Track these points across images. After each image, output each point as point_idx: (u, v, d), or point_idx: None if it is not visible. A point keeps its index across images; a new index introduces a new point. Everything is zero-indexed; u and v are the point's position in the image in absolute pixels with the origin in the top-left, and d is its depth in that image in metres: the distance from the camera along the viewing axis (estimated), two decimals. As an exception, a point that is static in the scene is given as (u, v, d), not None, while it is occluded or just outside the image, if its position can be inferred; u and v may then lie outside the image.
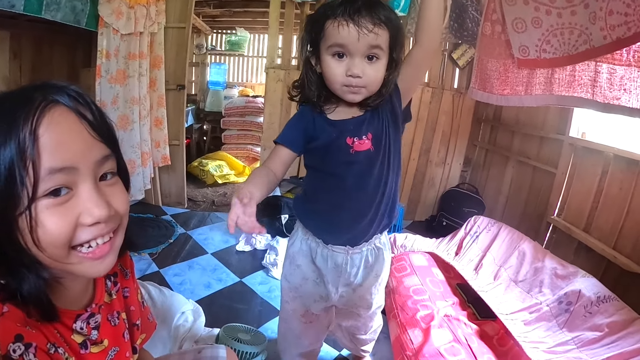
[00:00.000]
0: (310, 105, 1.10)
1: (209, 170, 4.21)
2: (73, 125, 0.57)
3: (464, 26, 2.90)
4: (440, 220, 3.36)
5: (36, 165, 0.52)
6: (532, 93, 2.06)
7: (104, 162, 0.61)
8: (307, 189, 1.21)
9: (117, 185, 0.64)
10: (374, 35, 0.94)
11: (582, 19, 1.63)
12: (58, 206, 0.55)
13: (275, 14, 3.14)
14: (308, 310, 1.30)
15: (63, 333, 0.61)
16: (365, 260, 1.20)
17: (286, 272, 1.28)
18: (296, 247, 1.23)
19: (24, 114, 0.53)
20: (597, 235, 2.14)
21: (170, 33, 3.11)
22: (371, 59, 0.98)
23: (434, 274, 2.10)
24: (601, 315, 1.52)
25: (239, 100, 5.12)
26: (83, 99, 0.60)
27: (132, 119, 2.82)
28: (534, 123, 2.87)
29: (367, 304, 1.28)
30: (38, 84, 0.59)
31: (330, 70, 1.00)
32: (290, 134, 1.11)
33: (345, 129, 1.06)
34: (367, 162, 1.07)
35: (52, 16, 2.29)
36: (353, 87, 0.99)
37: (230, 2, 5.12)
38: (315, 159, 1.13)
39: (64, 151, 0.55)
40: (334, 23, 0.95)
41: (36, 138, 0.52)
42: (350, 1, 0.95)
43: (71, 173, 0.56)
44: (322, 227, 1.18)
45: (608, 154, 2.15)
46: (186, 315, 1.80)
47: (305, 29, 1.05)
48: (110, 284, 0.78)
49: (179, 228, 2.96)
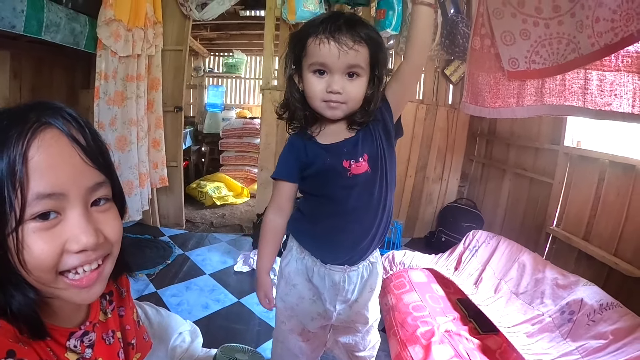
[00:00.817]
0: (299, 134, 1.11)
1: (207, 191, 4.22)
2: (64, 149, 0.56)
3: (455, 42, 2.94)
4: (439, 236, 3.35)
5: (24, 188, 0.51)
6: (524, 104, 2.08)
7: (97, 189, 0.60)
8: (303, 210, 1.19)
9: (110, 211, 0.63)
10: (354, 53, 0.95)
11: (570, 28, 1.65)
12: (45, 230, 0.54)
13: (270, 36, 3.19)
14: (305, 328, 1.27)
15: (56, 351, 0.61)
16: (361, 276, 1.19)
17: (281, 292, 1.25)
18: (292, 267, 1.21)
19: (17, 134, 0.52)
20: (597, 242, 2.13)
21: (167, 55, 3.17)
22: (351, 76, 0.99)
23: (433, 290, 2.08)
24: (605, 322, 1.51)
25: (237, 122, 5.19)
26: (77, 122, 0.59)
27: (130, 140, 2.83)
28: (529, 135, 2.89)
29: (364, 319, 1.26)
30: (34, 104, 0.58)
31: (311, 86, 1.01)
32: (285, 167, 1.12)
33: (340, 152, 1.05)
34: (366, 184, 1.06)
35: (52, 38, 2.33)
36: (332, 102, 1.00)
37: (226, 25, 5.20)
38: (312, 185, 1.12)
39: (53, 176, 0.54)
40: (315, 41, 0.96)
41: (26, 160, 0.52)
42: (331, 19, 0.96)
43: (60, 199, 0.55)
44: (322, 249, 1.16)
45: (603, 160, 2.15)
46: (183, 335, 1.77)
47: (288, 46, 1.06)
48: (106, 303, 0.77)
49: (177, 249, 2.95)
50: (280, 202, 1.15)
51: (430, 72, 3.41)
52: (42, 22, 2.21)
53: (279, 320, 1.32)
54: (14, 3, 1.99)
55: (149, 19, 2.86)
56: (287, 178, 1.12)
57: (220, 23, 4.78)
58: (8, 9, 1.96)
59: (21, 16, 2.04)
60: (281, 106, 1.13)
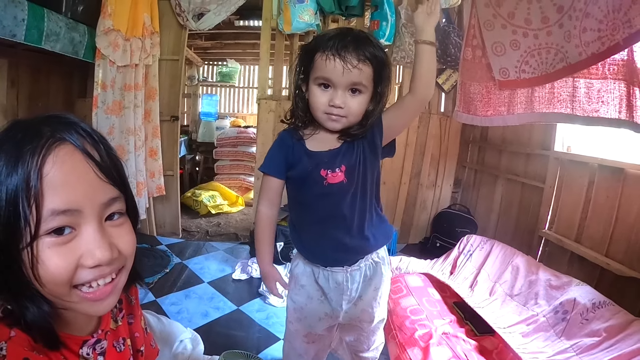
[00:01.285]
0: (290, 131, 1.16)
1: (202, 200, 4.22)
2: (79, 165, 0.55)
3: (447, 52, 3.01)
4: (434, 242, 3.38)
5: (39, 204, 0.51)
6: (515, 112, 2.14)
7: (111, 204, 0.59)
8: (293, 219, 1.26)
9: (124, 225, 0.63)
10: (358, 71, 1.01)
11: (558, 38, 1.72)
12: (60, 245, 0.54)
13: (266, 46, 3.23)
14: (311, 331, 1.31)
15: (69, 359, 0.61)
16: (364, 275, 1.22)
17: (292, 292, 1.29)
18: (300, 269, 1.26)
19: (31, 149, 0.52)
20: (589, 244, 2.19)
21: (164, 65, 3.20)
22: (354, 92, 1.05)
23: (430, 294, 2.11)
24: (598, 320, 1.55)
25: (231, 130, 5.21)
26: (92, 137, 0.59)
27: (127, 150, 2.85)
28: (520, 141, 2.95)
29: (369, 317, 1.29)
30: (48, 117, 0.58)
31: (315, 98, 1.06)
32: (273, 163, 1.16)
33: (321, 161, 1.11)
34: (339, 193, 1.11)
35: (52, 47, 2.36)
36: (334, 115, 1.05)
37: (221, 34, 5.25)
38: (292, 188, 1.19)
39: (68, 193, 0.54)
40: (322, 56, 1.02)
41: (41, 176, 0.52)
42: (340, 36, 1.02)
43: (75, 215, 0.54)
44: (314, 254, 1.21)
45: (593, 164, 2.21)
46: (185, 343, 1.78)
47: (298, 57, 1.12)
48: (116, 311, 0.78)
49: (175, 258, 2.95)
50: (270, 197, 1.19)
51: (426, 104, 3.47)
52: (42, 31, 2.23)
53: (287, 320, 1.35)
54: (15, 12, 2.02)
55: (146, 29, 2.90)
56: (275, 174, 1.16)
57: (215, 32, 4.81)
58: (9, 18, 1.99)
59: (22, 25, 2.07)
60: (291, 112, 1.18)
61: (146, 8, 2.90)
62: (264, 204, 1.21)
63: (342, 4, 3.03)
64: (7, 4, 1.97)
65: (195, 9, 3.10)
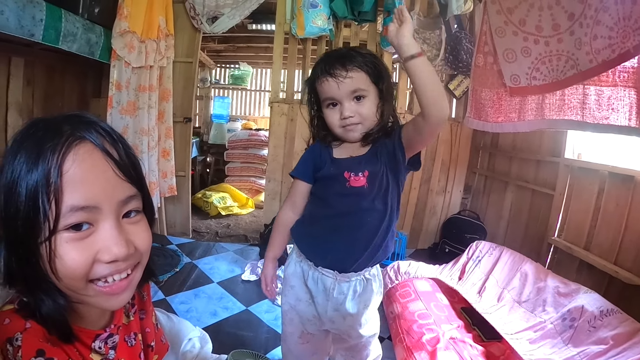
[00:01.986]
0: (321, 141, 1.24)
1: (213, 202, 4.25)
2: (98, 163, 0.57)
3: (459, 58, 3.02)
4: (442, 248, 3.37)
5: (59, 200, 0.53)
6: (525, 119, 2.14)
7: (129, 202, 0.61)
8: (305, 213, 1.29)
9: (141, 223, 0.64)
10: (350, 80, 1.09)
11: (569, 45, 1.72)
12: (78, 241, 0.55)
13: (279, 50, 3.27)
14: (304, 331, 1.33)
15: (82, 351, 0.63)
16: (354, 289, 1.23)
17: (283, 294, 1.34)
18: (290, 269, 1.30)
19: (52, 146, 0.54)
20: (598, 252, 2.18)
21: (178, 67, 3.25)
22: (358, 99, 1.12)
23: (438, 299, 2.12)
24: (605, 328, 1.55)
25: (242, 133, 5.24)
26: (111, 136, 0.60)
27: (141, 150, 2.89)
28: (530, 148, 2.95)
29: (356, 334, 1.29)
30: (69, 116, 0.60)
31: (329, 119, 1.16)
32: (303, 168, 1.25)
33: (345, 165, 1.16)
34: (359, 196, 1.14)
35: (69, 47, 2.41)
36: (349, 126, 1.13)
37: (234, 37, 5.29)
38: (316, 186, 1.24)
39: (87, 190, 0.55)
40: (319, 81, 1.14)
41: (61, 173, 0.53)
42: (324, 61, 1.14)
43: (93, 211, 0.56)
44: (314, 250, 1.23)
45: (603, 172, 2.21)
46: (193, 341, 1.80)
47: (307, 92, 1.23)
48: (128, 306, 0.80)
49: (185, 257, 2.98)
50: (295, 199, 1.28)
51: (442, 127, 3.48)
52: (59, 31, 2.29)
53: (282, 322, 1.39)
54: (34, 12, 2.07)
55: (161, 31, 2.95)
56: (302, 177, 1.25)
57: (228, 35, 4.85)
58: (27, 18, 2.04)
59: (40, 25, 2.12)
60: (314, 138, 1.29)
61: (161, 11, 2.95)
62: (287, 205, 1.30)
63: (355, 10, 3.06)
64: (26, 5, 2.01)
65: (210, 12, 3.14)
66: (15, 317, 0.57)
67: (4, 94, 2.45)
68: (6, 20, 1.91)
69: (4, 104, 2.45)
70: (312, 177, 1.23)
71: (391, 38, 1.03)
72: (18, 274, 0.57)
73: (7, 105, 2.46)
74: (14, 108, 2.50)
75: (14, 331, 0.55)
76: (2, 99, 2.44)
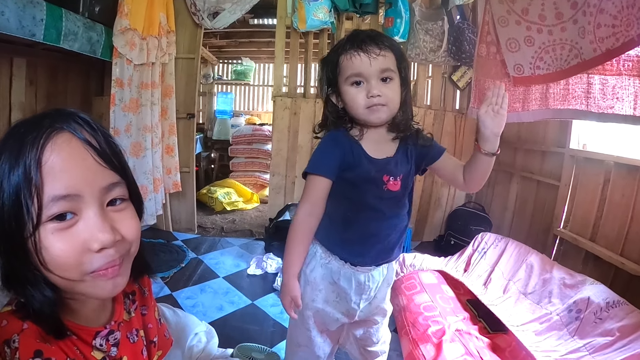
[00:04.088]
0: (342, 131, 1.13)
1: (218, 197, 4.26)
2: (77, 152, 0.57)
3: (462, 49, 3.00)
4: (448, 240, 3.37)
5: (40, 191, 0.53)
6: (529, 109, 2.13)
7: (112, 189, 0.60)
8: (333, 217, 1.17)
9: (127, 210, 0.63)
10: (383, 58, 1.04)
11: (572, 34, 1.70)
12: (63, 231, 0.55)
13: (280, 44, 3.26)
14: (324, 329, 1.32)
15: (83, 349, 0.62)
16: (382, 273, 1.25)
17: (307, 299, 1.24)
18: (317, 273, 1.23)
19: (31, 140, 0.54)
20: (604, 243, 2.17)
21: (180, 63, 3.25)
22: (385, 80, 1.06)
23: (443, 291, 2.12)
24: (611, 320, 1.54)
25: (246, 128, 5.25)
26: (90, 126, 0.60)
27: (144, 146, 2.90)
28: (535, 138, 2.93)
29: (383, 312, 1.32)
30: (49, 112, 0.59)
31: (352, 97, 1.08)
32: (325, 162, 1.10)
33: (384, 168, 1.11)
34: (394, 199, 1.14)
35: (70, 46, 2.41)
36: (375, 106, 1.06)
37: (235, 33, 5.28)
38: (347, 187, 1.13)
39: (67, 178, 0.55)
40: (347, 56, 1.06)
41: (40, 164, 0.53)
42: (354, 36, 1.07)
43: (75, 200, 0.56)
44: (351, 254, 1.19)
45: (609, 162, 2.19)
46: (199, 336, 1.81)
47: (321, 70, 1.15)
48: (129, 302, 0.80)
49: (190, 253, 3.00)
50: (314, 201, 1.10)
51: (437, 78, 3.47)
52: (60, 30, 2.29)
53: (303, 327, 1.30)
54: (34, 12, 2.07)
55: (162, 28, 2.94)
56: (326, 174, 1.09)
57: (229, 31, 4.85)
58: (28, 18, 2.04)
59: (40, 25, 2.12)
60: (319, 126, 1.21)
61: (162, 7, 2.94)
62: (305, 210, 1.11)
63: (357, 2, 3.04)
64: (26, 5, 2.02)
65: (210, 8, 3.13)
66: (13, 319, 0.57)
67: (7, 95, 2.46)
68: (7, 20, 1.91)
69: (7, 105, 2.46)
70: (335, 174, 1.10)
71: (485, 124, 1.04)
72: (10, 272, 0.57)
73: (10, 106, 2.47)
74: (17, 109, 2.51)
75: (11, 333, 0.55)
76: (5, 100, 2.45)
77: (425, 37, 3.05)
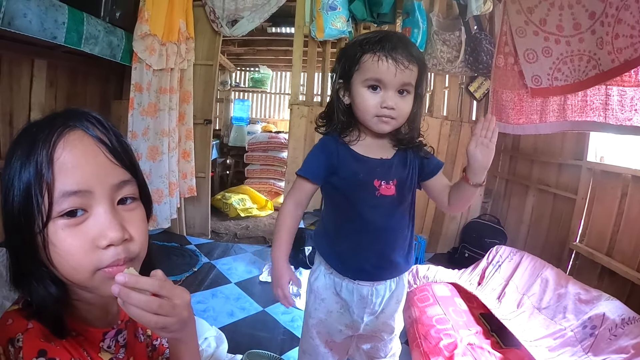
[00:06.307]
0: (332, 136, 1.12)
1: (232, 203, 4.28)
2: (89, 149, 0.57)
3: (479, 59, 2.98)
4: (462, 252, 3.32)
5: (51, 187, 0.53)
6: (547, 120, 2.11)
7: (122, 187, 0.60)
8: (328, 227, 1.21)
9: (137, 211, 0.63)
10: (409, 72, 1.00)
11: (590, 45, 1.69)
12: (73, 227, 0.55)
13: (298, 53, 3.29)
14: (329, 339, 1.30)
15: (90, 351, 0.62)
16: (389, 288, 1.21)
17: (310, 307, 1.25)
18: (320, 282, 1.22)
19: (43, 138, 0.55)
20: (620, 258, 2.12)
21: (198, 70, 3.30)
22: (402, 93, 1.03)
23: (456, 304, 2.09)
24: (626, 337, 1.51)
25: (262, 135, 5.28)
26: (102, 124, 0.61)
27: (161, 151, 2.95)
28: (552, 151, 2.89)
29: (390, 329, 1.27)
30: (62, 111, 0.61)
31: (365, 101, 1.04)
32: (312, 167, 1.12)
33: (373, 170, 1.08)
34: (389, 206, 1.10)
35: (91, 49, 2.47)
36: (385, 117, 1.03)
37: (253, 40, 5.33)
38: (337, 195, 1.13)
39: (79, 174, 0.55)
40: (373, 57, 1.00)
41: (52, 161, 0.54)
42: (387, 38, 1.00)
43: (86, 196, 0.56)
44: (346, 266, 1.17)
45: (626, 175, 2.15)
46: (209, 341, 1.82)
47: (338, 61, 1.10)
48: None
49: (203, 257, 3.02)
50: (300, 199, 1.16)
51: (454, 89, 3.45)
52: (82, 34, 2.35)
53: (307, 335, 1.31)
54: (56, 15, 2.13)
55: (182, 34, 3.00)
56: (312, 178, 1.12)
57: (247, 39, 4.91)
58: (50, 21, 2.10)
59: (62, 28, 2.18)
60: (321, 117, 1.18)
61: (182, 14, 3.00)
62: (291, 203, 1.17)
63: (374, 12, 3.06)
64: (49, 8, 2.07)
65: (229, 15, 3.18)
66: (18, 318, 0.57)
67: (27, 96, 2.53)
68: (29, 23, 1.96)
69: (27, 105, 2.53)
70: (322, 179, 1.12)
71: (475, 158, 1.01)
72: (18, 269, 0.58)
73: (30, 106, 2.54)
74: (36, 109, 2.58)
75: (16, 332, 0.55)
76: (25, 101, 2.52)
77: (443, 48, 3.05)
